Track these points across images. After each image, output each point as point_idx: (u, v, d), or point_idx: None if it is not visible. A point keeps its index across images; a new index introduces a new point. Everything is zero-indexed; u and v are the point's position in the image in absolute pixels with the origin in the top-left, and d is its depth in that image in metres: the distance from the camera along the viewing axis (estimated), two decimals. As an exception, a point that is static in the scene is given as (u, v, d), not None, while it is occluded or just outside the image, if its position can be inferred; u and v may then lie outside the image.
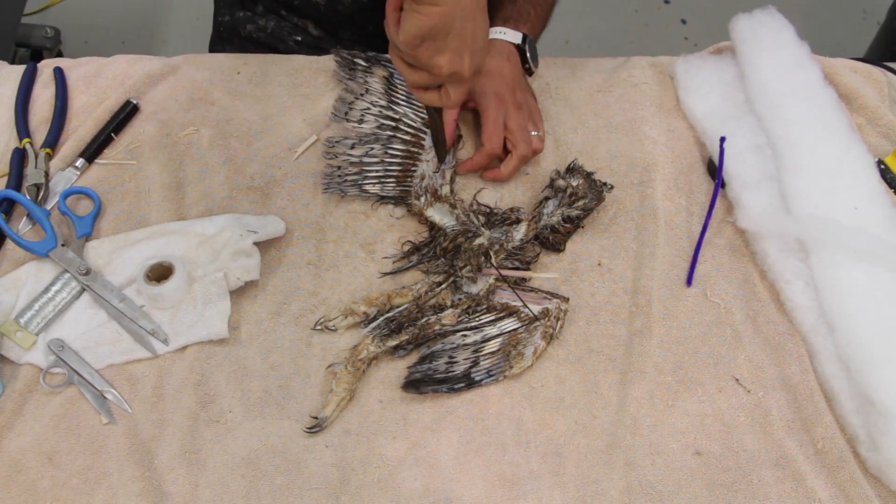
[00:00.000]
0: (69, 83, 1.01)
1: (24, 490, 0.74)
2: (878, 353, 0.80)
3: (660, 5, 2.41)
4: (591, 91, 1.06)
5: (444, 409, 0.80)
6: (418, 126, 0.96)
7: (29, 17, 2.16)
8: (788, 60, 1.00)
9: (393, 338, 0.82)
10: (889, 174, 0.96)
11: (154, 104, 1.00)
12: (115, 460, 0.75)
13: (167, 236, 0.88)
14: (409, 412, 0.80)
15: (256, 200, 0.93)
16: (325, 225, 0.92)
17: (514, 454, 0.78)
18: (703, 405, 0.81)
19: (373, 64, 1.02)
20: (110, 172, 0.95)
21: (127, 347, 0.81)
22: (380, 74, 1.00)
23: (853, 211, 0.88)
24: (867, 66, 1.07)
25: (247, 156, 0.96)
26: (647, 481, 0.77)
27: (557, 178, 0.92)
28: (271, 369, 0.82)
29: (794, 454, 0.79)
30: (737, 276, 0.90)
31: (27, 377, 0.79)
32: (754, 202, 0.92)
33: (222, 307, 0.83)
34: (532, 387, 0.82)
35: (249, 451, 0.77)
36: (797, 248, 0.89)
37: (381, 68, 1.01)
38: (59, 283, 0.84)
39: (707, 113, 1.01)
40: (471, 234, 0.88)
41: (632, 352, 0.84)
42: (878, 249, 0.85)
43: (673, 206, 0.95)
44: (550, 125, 1.02)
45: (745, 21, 1.03)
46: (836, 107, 0.98)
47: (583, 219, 0.91)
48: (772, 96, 0.98)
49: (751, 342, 0.86)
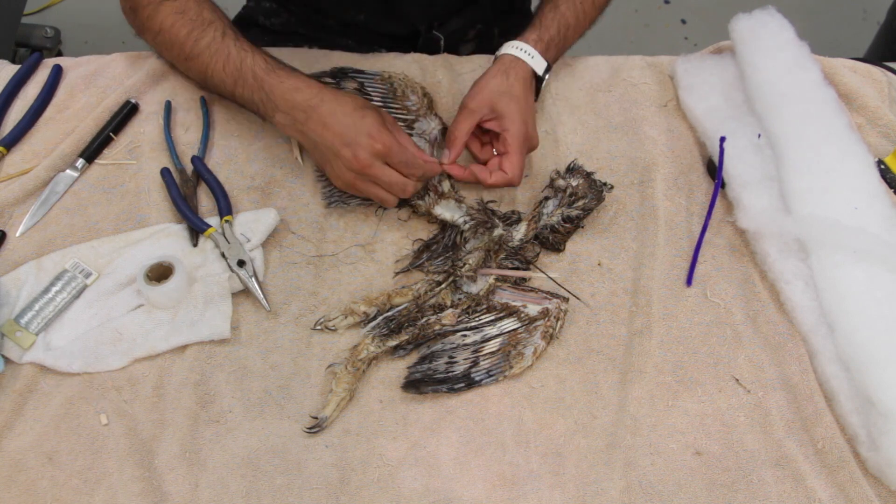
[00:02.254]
0: (69, 82, 1.01)
1: (25, 490, 0.74)
2: (878, 353, 0.80)
3: (660, 5, 2.41)
4: (591, 91, 1.06)
5: (444, 409, 0.80)
6: (402, 128, 0.96)
7: (29, 17, 2.16)
8: (788, 60, 1.00)
9: (393, 338, 0.82)
10: (889, 174, 0.96)
11: (154, 104, 1.00)
12: (115, 460, 0.75)
13: (170, 237, 0.88)
14: (409, 412, 0.80)
15: (257, 200, 0.93)
16: (326, 225, 0.92)
17: (514, 454, 0.78)
18: (703, 405, 0.81)
19: (341, 78, 1.01)
20: (110, 172, 0.95)
21: (127, 348, 0.81)
22: (350, 87, 0.99)
23: (853, 211, 0.88)
24: (867, 66, 1.07)
25: (247, 155, 0.96)
26: (647, 481, 0.77)
27: (557, 177, 0.92)
28: (271, 369, 0.82)
29: (794, 454, 0.79)
30: (737, 276, 0.90)
31: (27, 377, 0.79)
32: (754, 202, 0.92)
33: (224, 307, 0.83)
34: (532, 387, 0.82)
35: (249, 451, 0.77)
36: (797, 248, 0.89)
37: (350, 80, 1.00)
38: (59, 283, 0.84)
39: (707, 113, 1.01)
40: (490, 225, 0.88)
41: (632, 352, 0.84)
42: (879, 249, 0.85)
43: (673, 206, 0.95)
44: (551, 125, 1.02)
45: (744, 21, 1.03)
46: (836, 107, 0.98)
47: (583, 219, 0.91)
48: (771, 96, 0.98)
49: (751, 342, 0.86)
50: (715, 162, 0.96)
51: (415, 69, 1.06)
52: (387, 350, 0.82)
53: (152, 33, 0.95)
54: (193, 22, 0.92)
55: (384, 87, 0.99)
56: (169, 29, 0.93)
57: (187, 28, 0.92)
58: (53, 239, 0.88)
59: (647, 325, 0.86)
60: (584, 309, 0.87)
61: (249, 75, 0.89)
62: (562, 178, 0.92)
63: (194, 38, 0.91)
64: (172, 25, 0.92)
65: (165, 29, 0.93)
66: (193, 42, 0.91)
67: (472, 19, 1.18)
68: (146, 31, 0.96)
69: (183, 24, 0.92)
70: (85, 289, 0.84)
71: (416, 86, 0.99)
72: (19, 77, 1.01)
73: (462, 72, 1.06)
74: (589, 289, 0.89)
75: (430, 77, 1.05)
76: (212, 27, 0.91)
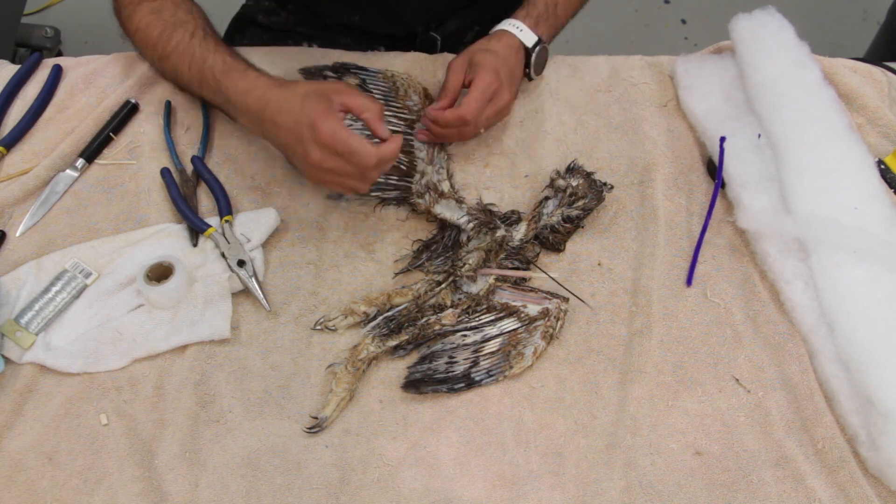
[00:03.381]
0: (69, 82, 1.01)
1: (24, 490, 0.74)
2: (878, 353, 0.80)
3: (660, 5, 2.41)
4: (591, 91, 1.06)
5: (444, 409, 0.80)
6: (403, 128, 0.96)
7: (29, 17, 2.16)
8: (788, 60, 1.00)
9: (393, 337, 0.82)
10: (889, 174, 0.96)
11: (154, 104, 1.00)
12: (115, 460, 0.75)
13: (170, 237, 0.88)
14: (409, 412, 0.80)
15: (257, 200, 0.93)
16: (326, 225, 0.92)
17: (514, 454, 0.78)
18: (703, 405, 0.81)
19: (343, 73, 1.01)
20: (110, 172, 0.95)
21: (127, 348, 0.81)
22: (352, 83, 0.99)
23: (853, 211, 0.88)
24: (867, 65, 1.07)
25: (247, 155, 0.96)
26: (647, 481, 0.77)
27: (557, 177, 0.92)
28: (271, 369, 0.82)
29: (794, 454, 0.78)
30: (737, 276, 0.90)
31: (27, 377, 0.79)
32: (754, 202, 0.92)
33: (224, 307, 0.83)
34: (532, 387, 0.82)
35: (249, 450, 0.77)
36: (797, 248, 0.89)
37: (352, 76, 1.00)
38: (59, 283, 0.84)
39: (707, 113, 1.01)
40: (492, 225, 0.88)
41: (632, 352, 0.84)
42: (879, 249, 0.85)
43: (673, 206, 0.95)
44: (551, 125, 1.02)
45: (744, 21, 1.03)
46: (836, 107, 0.98)
47: (583, 219, 0.91)
48: (772, 96, 0.98)
49: (751, 342, 0.86)
50: (715, 162, 0.96)
51: (416, 68, 1.06)
52: (387, 350, 0.82)
53: (131, 33, 0.96)
54: (166, 22, 0.91)
55: (386, 85, 0.99)
56: (144, 28, 0.93)
57: (159, 28, 0.92)
58: (53, 239, 0.88)
59: (647, 324, 0.86)
60: (584, 309, 0.87)
61: (210, 77, 0.88)
62: (562, 178, 0.92)
63: (165, 38, 0.91)
64: (147, 25, 0.93)
65: (141, 28, 0.93)
66: (164, 42, 0.91)
67: (470, 21, 1.19)
68: (126, 31, 0.96)
69: (157, 24, 0.92)
70: (85, 289, 0.84)
71: (419, 86, 0.99)
72: (19, 77, 1.01)
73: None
74: (589, 289, 0.89)
75: (430, 76, 1.05)
76: (182, 27, 0.91)
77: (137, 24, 0.93)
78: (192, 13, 0.93)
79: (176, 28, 0.91)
